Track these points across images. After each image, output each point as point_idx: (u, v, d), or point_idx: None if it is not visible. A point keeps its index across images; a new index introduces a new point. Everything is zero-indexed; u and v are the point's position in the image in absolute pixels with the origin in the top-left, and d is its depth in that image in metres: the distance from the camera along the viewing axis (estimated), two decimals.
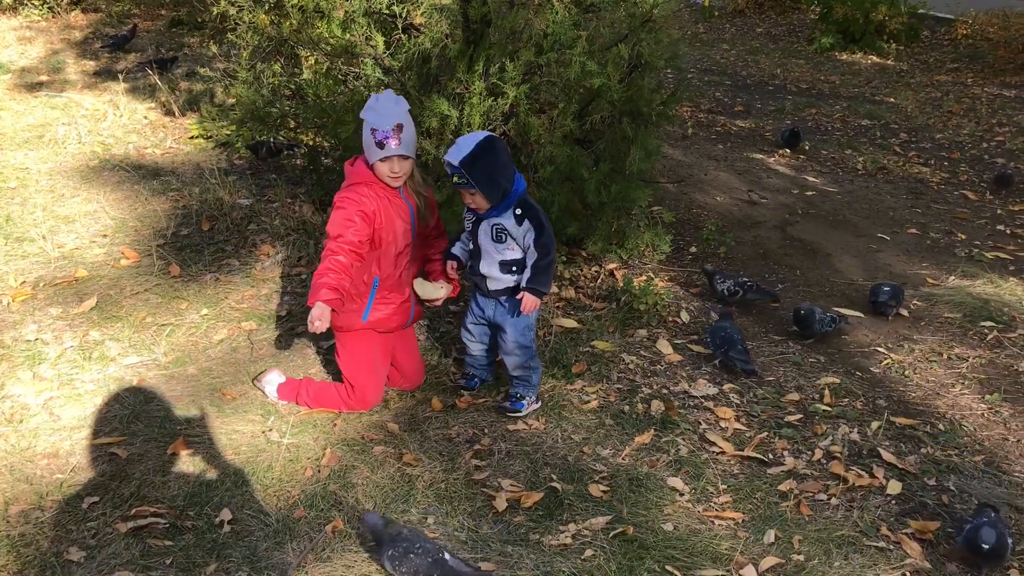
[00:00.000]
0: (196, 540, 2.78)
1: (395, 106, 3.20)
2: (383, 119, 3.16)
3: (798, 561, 2.75)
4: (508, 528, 2.89)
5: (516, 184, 3.31)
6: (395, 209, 3.27)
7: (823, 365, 3.95)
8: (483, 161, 3.18)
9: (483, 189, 3.22)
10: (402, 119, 3.18)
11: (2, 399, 3.44)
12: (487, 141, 3.22)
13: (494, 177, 3.22)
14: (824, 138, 8.06)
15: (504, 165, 3.26)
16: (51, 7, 11.08)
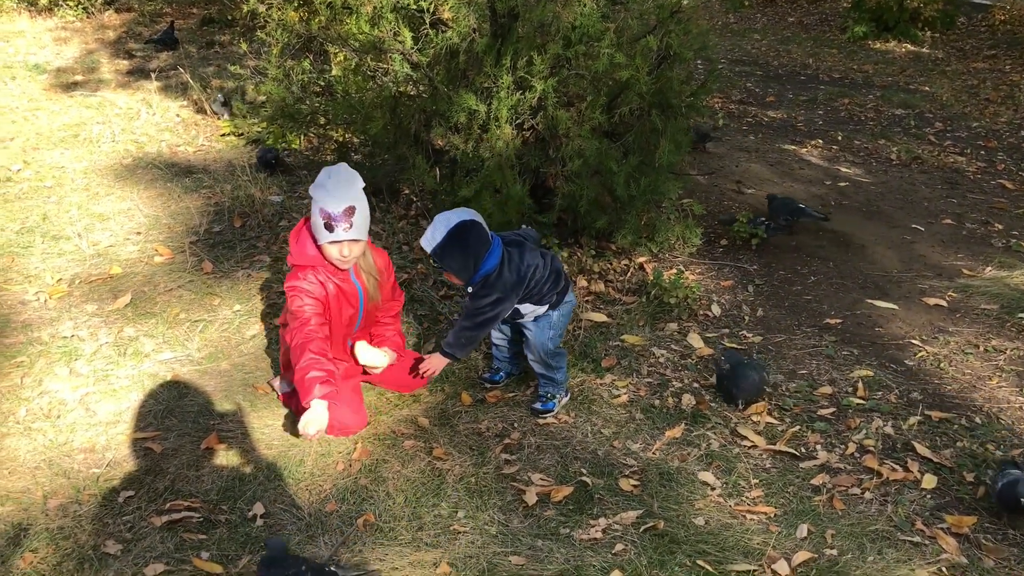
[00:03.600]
0: (229, 533, 2.81)
1: (347, 188, 3.03)
2: (334, 201, 3.00)
3: (831, 556, 2.72)
4: (538, 522, 2.89)
5: (484, 264, 3.24)
6: (344, 295, 3.20)
7: (856, 358, 3.90)
8: (451, 249, 3.17)
9: (455, 272, 3.24)
10: (354, 201, 3.02)
11: (40, 394, 3.50)
12: (458, 227, 3.17)
13: (464, 260, 3.21)
14: (857, 128, 7.97)
15: (474, 248, 3.20)
16: (85, 7, 11.23)
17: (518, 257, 3.29)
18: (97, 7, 11.37)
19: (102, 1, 11.47)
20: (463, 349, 3.36)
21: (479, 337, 3.38)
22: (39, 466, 3.09)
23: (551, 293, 3.37)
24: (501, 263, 3.24)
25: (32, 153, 6.25)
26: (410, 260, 4.66)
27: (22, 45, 9.63)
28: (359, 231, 3.06)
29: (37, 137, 6.60)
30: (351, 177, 3.08)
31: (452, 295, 4.33)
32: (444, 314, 4.17)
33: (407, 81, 4.80)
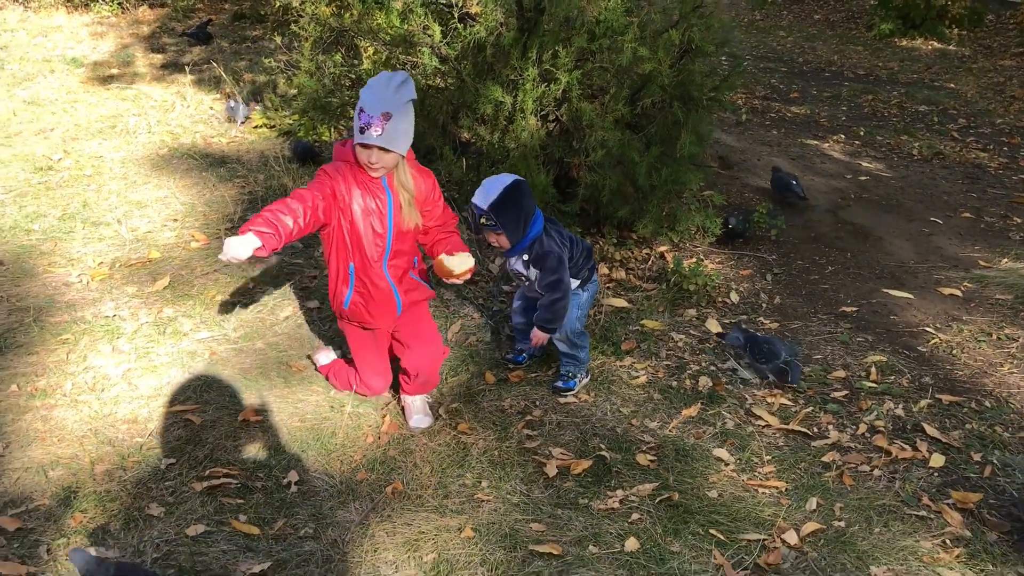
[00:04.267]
0: (265, 499, 2.97)
1: (391, 92, 2.90)
2: (372, 103, 2.88)
3: (839, 527, 2.84)
4: (558, 493, 3.03)
5: (532, 227, 3.38)
6: (374, 200, 3.05)
7: (870, 344, 4.01)
8: (509, 205, 3.27)
9: (507, 230, 3.32)
10: (393, 108, 2.87)
11: (85, 370, 3.67)
12: (514, 185, 3.29)
13: (518, 218, 3.32)
14: (880, 124, 8.02)
15: (528, 208, 3.35)
16: (120, 3, 11.47)
17: (554, 229, 3.44)
18: (131, 3, 11.61)
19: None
20: (557, 319, 3.44)
21: (566, 304, 3.42)
22: (86, 435, 3.27)
23: (584, 268, 3.52)
24: (545, 230, 3.38)
25: (72, 143, 6.44)
26: None
27: (60, 40, 9.86)
28: (390, 141, 2.90)
29: (76, 128, 6.80)
30: (400, 86, 2.91)
31: (477, 280, 4.47)
32: (471, 300, 4.31)
33: (435, 74, 4.95)
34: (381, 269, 3.16)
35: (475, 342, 3.98)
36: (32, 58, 8.91)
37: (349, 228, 3.07)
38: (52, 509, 2.88)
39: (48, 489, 2.97)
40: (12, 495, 2.93)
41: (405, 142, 2.98)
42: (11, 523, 2.79)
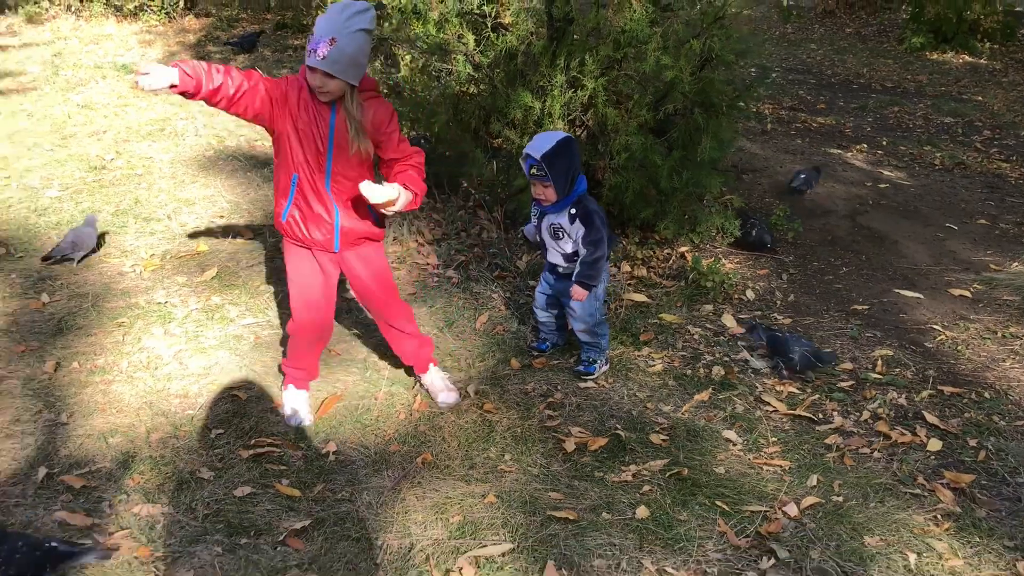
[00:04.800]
0: (306, 465, 3.23)
1: (342, 18, 2.90)
2: (322, 26, 2.89)
3: (836, 502, 3.04)
4: (576, 466, 3.26)
5: (578, 185, 3.65)
6: (314, 118, 3.06)
7: (878, 339, 4.20)
8: (561, 157, 3.53)
9: (556, 182, 3.56)
10: (339, 34, 2.87)
11: (139, 350, 3.96)
12: (567, 140, 3.57)
13: (567, 172, 3.57)
14: (904, 135, 8.18)
15: (576, 163, 3.61)
16: (168, 12, 11.91)
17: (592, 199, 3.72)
18: (178, 12, 12.05)
19: (183, 7, 12.15)
20: (600, 275, 3.67)
21: (604, 261, 3.65)
22: (141, 407, 3.55)
23: (610, 244, 3.79)
24: (587, 191, 3.64)
25: (123, 144, 6.79)
26: (468, 245, 5.05)
27: (110, 47, 10.28)
28: (332, 65, 2.89)
29: (127, 130, 7.15)
30: (353, 15, 2.92)
31: (505, 275, 4.71)
32: (498, 293, 4.56)
33: (469, 81, 5.21)
34: (323, 185, 3.16)
35: (502, 331, 4.22)
36: (84, 64, 9.32)
37: (293, 139, 3.10)
38: (112, 471, 3.16)
39: (108, 453, 3.25)
40: (77, 457, 3.22)
41: (353, 71, 2.97)
42: (77, 481, 3.07)
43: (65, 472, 3.12)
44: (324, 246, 3.30)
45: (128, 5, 11.86)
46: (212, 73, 2.93)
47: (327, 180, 3.16)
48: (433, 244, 5.06)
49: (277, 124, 3.10)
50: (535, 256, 4.86)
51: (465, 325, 4.26)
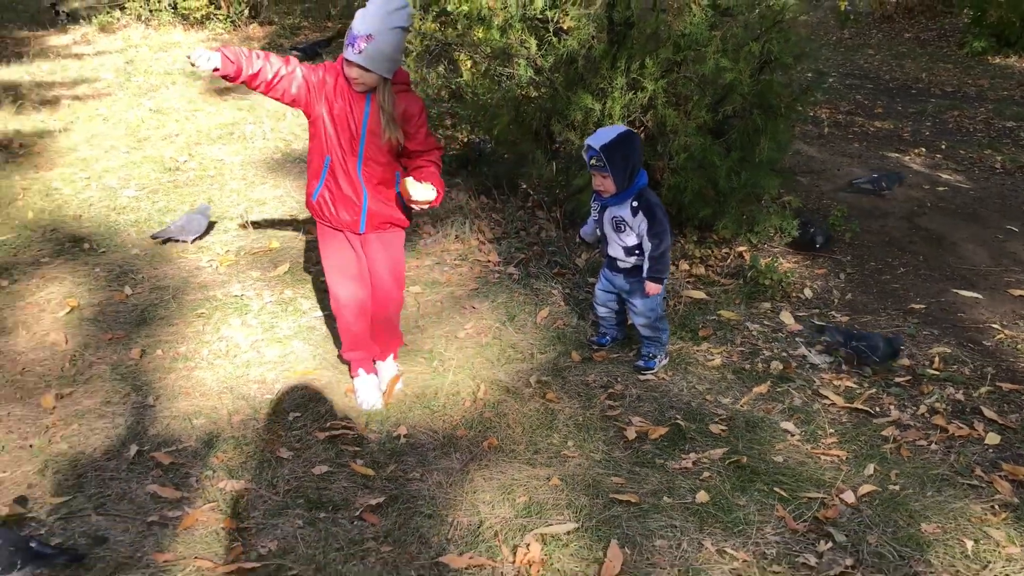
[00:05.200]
0: (379, 447, 3.39)
1: (377, 17, 3.07)
2: (360, 22, 3.09)
3: (893, 490, 3.11)
4: (637, 453, 3.37)
5: (639, 178, 3.77)
6: (350, 106, 3.26)
7: (936, 337, 4.24)
8: (621, 149, 3.66)
9: (614, 173, 3.69)
10: (375, 31, 3.06)
11: (218, 339, 4.17)
12: (628, 133, 3.71)
13: (626, 165, 3.70)
14: (964, 139, 8.14)
15: (636, 157, 3.73)
16: (233, 21, 12.26)
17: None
18: (243, 21, 12.39)
19: (247, 15, 12.49)
20: (667, 267, 3.81)
21: (669, 253, 3.80)
22: (222, 392, 3.74)
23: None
24: (647, 185, 3.75)
25: (195, 147, 7.05)
26: (527, 243, 5.19)
27: (179, 54, 10.61)
28: (368, 60, 3.10)
29: (198, 134, 7.43)
30: (391, 12, 3.09)
31: (564, 272, 4.84)
32: (558, 289, 4.69)
33: (530, 84, 5.35)
34: (355, 168, 3.35)
35: (562, 325, 4.35)
36: (155, 71, 9.65)
37: (328, 123, 3.29)
38: (197, 449, 3.35)
39: (193, 434, 3.45)
40: (164, 437, 3.42)
41: (387, 66, 3.16)
42: (166, 458, 3.27)
43: (154, 450, 3.32)
44: (351, 227, 3.49)
45: (195, 14, 12.23)
46: (252, 59, 3.17)
47: (359, 164, 3.35)
48: (493, 242, 5.21)
49: (313, 109, 3.31)
50: (593, 254, 4.98)
51: (526, 319, 4.40)
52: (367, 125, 3.28)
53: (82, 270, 4.83)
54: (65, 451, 3.32)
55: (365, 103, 3.27)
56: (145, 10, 12.35)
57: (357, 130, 3.29)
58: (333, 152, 3.35)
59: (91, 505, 3.03)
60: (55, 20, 12.19)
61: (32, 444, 3.37)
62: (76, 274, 4.78)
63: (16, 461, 3.27)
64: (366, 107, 3.26)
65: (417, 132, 3.38)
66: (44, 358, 3.99)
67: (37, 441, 3.38)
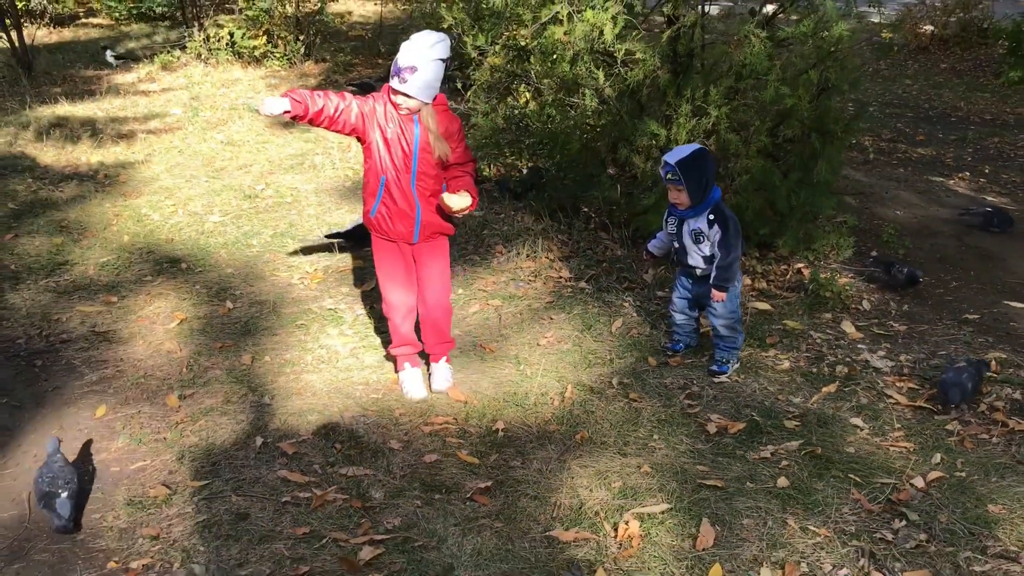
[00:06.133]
0: (479, 439, 3.71)
1: (419, 49, 3.47)
2: (403, 56, 3.48)
3: (960, 476, 3.37)
4: (718, 446, 3.66)
5: (713, 193, 4.11)
6: (401, 129, 3.64)
7: (991, 344, 4.50)
8: (695, 165, 4.00)
9: (689, 187, 4.02)
10: (418, 63, 3.46)
11: (319, 347, 4.52)
12: (701, 150, 4.05)
13: (700, 180, 4.03)
14: (1006, 164, 8.38)
15: (710, 173, 4.06)
16: (289, 59, 12.79)
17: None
18: (298, 58, 12.92)
19: (302, 53, 13.02)
20: (735, 276, 4.12)
21: (737, 264, 4.11)
22: (331, 392, 4.08)
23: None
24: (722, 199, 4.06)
25: (269, 176, 7.48)
26: (595, 261, 5.51)
27: (240, 90, 11.13)
28: (413, 88, 3.50)
29: (270, 164, 7.86)
30: (430, 43, 3.49)
31: (633, 287, 5.16)
32: (629, 302, 5.00)
33: (595, 113, 5.71)
34: (409, 184, 3.74)
35: (636, 334, 4.65)
36: (220, 106, 10.14)
37: (382, 146, 3.69)
38: (315, 442, 3.69)
39: (310, 428, 3.78)
40: (284, 431, 3.76)
41: (428, 93, 3.57)
42: (290, 448, 3.61)
43: (278, 441, 3.66)
44: (406, 237, 3.88)
45: (254, 52, 12.78)
46: (315, 98, 3.61)
47: (413, 179, 3.74)
48: (563, 260, 5.54)
49: (368, 135, 3.72)
50: (660, 270, 5.29)
51: (602, 329, 4.71)
52: (419, 143, 3.68)
53: (184, 287, 5.22)
54: (196, 443, 3.67)
55: (414, 125, 3.67)
56: (204, 49, 12.92)
57: (410, 149, 3.68)
58: (387, 172, 3.73)
59: (229, 487, 3.37)
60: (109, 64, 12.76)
61: (166, 437, 3.72)
62: (179, 291, 5.17)
63: (154, 451, 3.63)
64: (415, 129, 3.66)
65: (457, 147, 3.80)
66: (162, 364, 4.35)
67: (170, 434, 3.73)
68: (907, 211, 6.60)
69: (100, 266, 5.51)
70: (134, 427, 3.81)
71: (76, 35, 15.91)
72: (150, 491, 3.35)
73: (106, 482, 3.45)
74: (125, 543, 3.11)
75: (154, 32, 15.78)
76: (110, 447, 3.67)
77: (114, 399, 4.03)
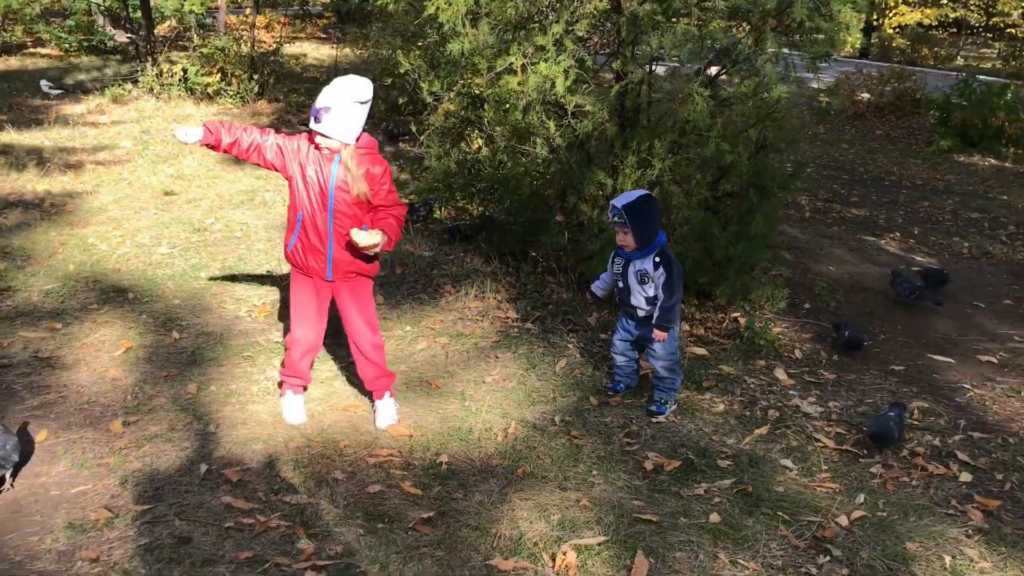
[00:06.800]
0: (423, 471, 3.78)
1: (335, 92, 3.63)
2: (321, 97, 3.64)
3: (881, 516, 3.54)
4: (654, 482, 3.79)
5: (659, 237, 4.29)
6: (319, 164, 3.76)
7: (915, 394, 4.72)
8: (641, 209, 4.19)
9: (634, 230, 4.20)
10: (332, 104, 3.61)
11: (266, 379, 4.56)
12: (648, 196, 4.24)
13: (645, 223, 4.21)
14: (934, 227, 8.77)
15: (655, 218, 4.25)
16: (242, 96, 12.86)
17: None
18: (251, 96, 13.00)
19: (256, 92, 13.11)
20: (676, 318, 4.30)
21: (679, 306, 4.30)
22: (276, 422, 4.13)
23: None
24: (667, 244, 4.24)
25: (219, 211, 7.52)
26: (541, 303, 5.65)
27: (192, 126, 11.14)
28: (328, 128, 3.64)
29: (220, 199, 7.90)
30: (346, 86, 3.65)
31: (578, 328, 5.30)
32: (573, 343, 5.13)
33: (545, 161, 5.89)
34: (326, 222, 3.84)
35: (579, 375, 4.78)
36: (171, 141, 10.14)
37: (301, 184, 3.84)
38: (260, 470, 3.72)
39: (254, 456, 3.82)
40: (229, 458, 3.79)
41: (346, 133, 3.68)
42: (235, 475, 3.64)
43: (223, 468, 3.69)
44: (320, 273, 3.98)
45: (207, 89, 12.83)
46: (232, 131, 3.79)
47: (330, 217, 3.84)
48: (511, 302, 5.67)
49: (288, 172, 3.88)
50: (604, 313, 5.45)
51: (546, 368, 4.83)
52: (335, 182, 3.79)
53: (130, 316, 5.23)
54: (140, 468, 3.68)
55: (333, 164, 3.78)
56: (157, 84, 12.93)
57: (327, 187, 3.79)
58: (304, 208, 3.86)
59: (172, 512, 3.39)
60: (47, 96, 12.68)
61: (109, 462, 3.72)
62: (125, 320, 5.18)
63: (96, 476, 3.63)
64: (334, 168, 3.77)
65: (380, 189, 3.88)
66: (107, 391, 4.36)
67: (113, 460, 3.74)
68: (839, 267, 6.88)
69: (44, 293, 5.49)
70: (76, 452, 3.80)
71: (24, 64, 15.81)
72: (91, 514, 3.35)
73: (45, 505, 3.44)
74: (63, 565, 3.10)
75: (105, 65, 15.76)
76: (50, 471, 3.67)
77: (56, 424, 4.02)
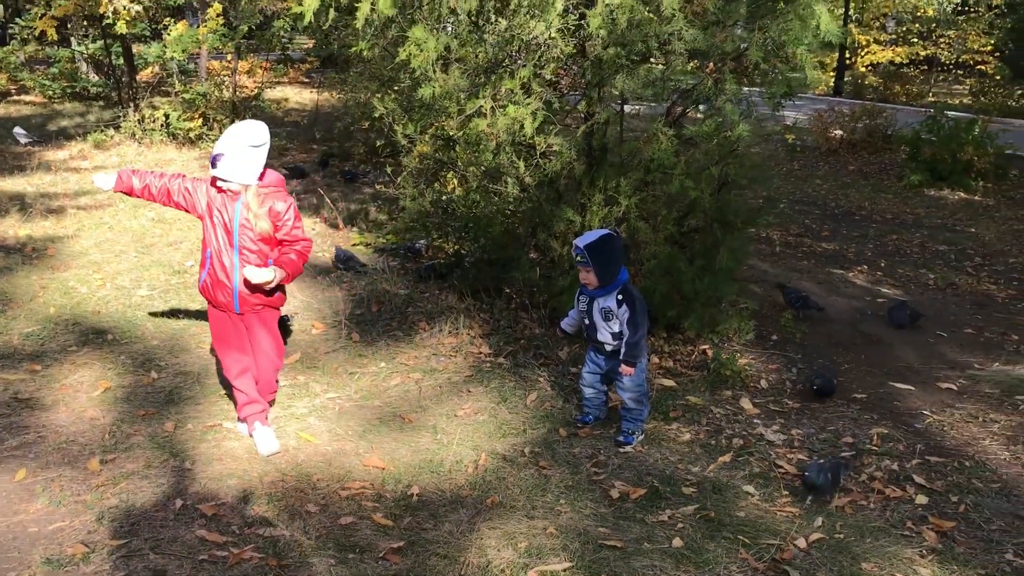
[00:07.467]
0: (394, 503, 3.88)
1: (229, 139, 3.86)
2: (218, 143, 3.90)
3: (838, 538, 3.65)
4: (620, 510, 3.89)
5: (621, 275, 4.43)
6: (224, 207, 3.99)
7: (875, 420, 4.85)
8: (602, 249, 4.33)
9: (596, 269, 4.34)
10: (225, 150, 3.84)
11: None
12: (608, 235, 4.38)
13: (607, 262, 4.35)
14: (902, 260, 8.97)
15: (616, 256, 4.39)
16: None
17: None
18: None
19: None
20: (642, 352, 4.41)
21: (644, 340, 4.42)
22: (251, 458, 4.21)
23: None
24: (629, 281, 4.37)
25: (198, 254, 7.54)
26: (514, 338, 5.77)
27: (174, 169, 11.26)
28: (224, 172, 3.87)
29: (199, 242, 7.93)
30: (238, 133, 3.87)
31: (549, 363, 5.42)
32: (544, 376, 5.25)
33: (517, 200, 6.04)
34: (232, 258, 4.06)
35: (549, 407, 4.90)
36: None
37: (209, 223, 4.06)
38: (234, 504, 3.81)
39: (229, 492, 3.90)
40: (204, 494, 3.87)
41: (243, 175, 3.91)
42: (209, 509, 3.72)
43: (198, 503, 3.77)
44: (227, 307, 4.19)
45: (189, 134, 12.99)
46: (143, 177, 4.11)
47: (235, 253, 4.06)
48: (484, 337, 5.79)
49: (198, 212, 4.12)
50: (574, 348, 5.57)
51: (517, 401, 4.94)
52: (239, 221, 4.00)
53: (109, 357, 5.32)
54: (117, 504, 3.76)
55: (237, 204, 4.00)
56: (139, 129, 13.08)
57: (231, 226, 4.02)
58: (212, 245, 4.09)
59: (147, 546, 3.46)
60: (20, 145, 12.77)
61: (86, 499, 3.80)
62: (104, 361, 5.26)
63: (73, 512, 3.71)
64: (238, 207, 3.99)
65: (284, 225, 4.09)
66: (85, 430, 4.44)
67: (90, 497, 3.82)
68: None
69: (24, 336, 5.58)
70: (54, 490, 3.88)
71: (7, 111, 15.96)
72: (68, 550, 3.43)
73: (23, 541, 3.51)
74: None
75: (88, 111, 15.93)
76: (28, 508, 3.74)
77: (34, 463, 4.10)
